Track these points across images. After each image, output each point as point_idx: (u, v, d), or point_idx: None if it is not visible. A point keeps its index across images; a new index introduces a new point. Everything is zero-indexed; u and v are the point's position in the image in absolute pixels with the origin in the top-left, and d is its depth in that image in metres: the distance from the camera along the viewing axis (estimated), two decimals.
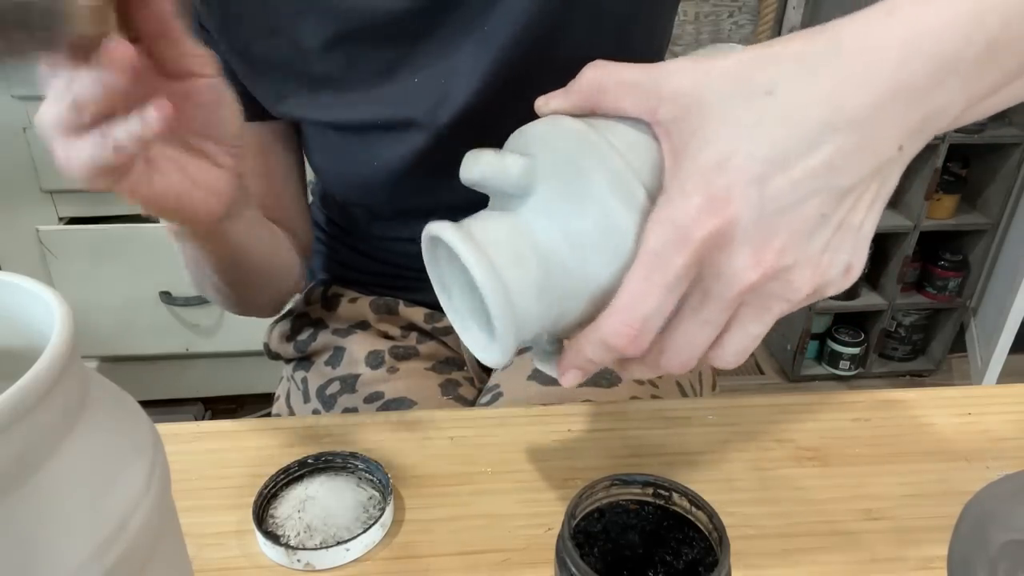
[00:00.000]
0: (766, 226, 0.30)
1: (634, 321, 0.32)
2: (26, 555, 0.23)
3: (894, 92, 0.29)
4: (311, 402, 0.69)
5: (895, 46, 0.29)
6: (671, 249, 0.30)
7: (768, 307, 0.32)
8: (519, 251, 0.34)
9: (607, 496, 0.36)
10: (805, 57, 0.30)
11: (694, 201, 0.30)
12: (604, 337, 0.33)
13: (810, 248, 0.31)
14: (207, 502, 0.49)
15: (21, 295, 0.28)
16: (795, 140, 0.29)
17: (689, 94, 0.31)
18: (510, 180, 0.35)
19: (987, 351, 1.86)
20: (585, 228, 0.33)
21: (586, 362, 0.35)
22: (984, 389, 0.60)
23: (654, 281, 0.31)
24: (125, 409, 0.29)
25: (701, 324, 0.33)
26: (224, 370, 1.70)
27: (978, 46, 0.29)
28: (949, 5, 0.29)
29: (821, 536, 0.47)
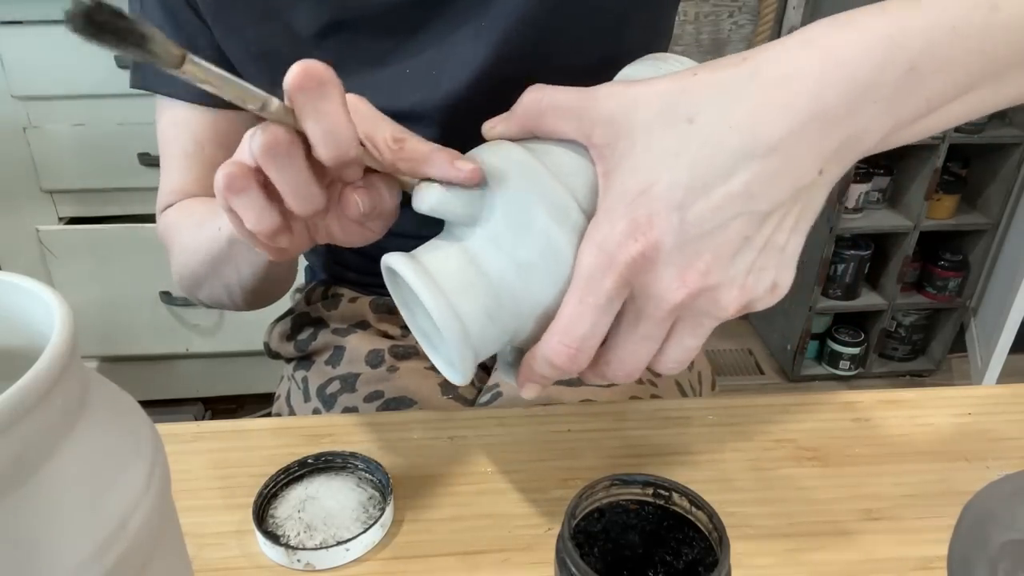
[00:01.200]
0: (689, 249, 0.32)
1: (572, 341, 0.34)
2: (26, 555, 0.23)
3: (810, 119, 0.30)
4: (311, 401, 0.69)
5: (810, 75, 0.30)
6: (599, 273, 0.33)
7: (700, 323, 0.35)
8: (469, 280, 0.36)
9: (607, 496, 0.36)
10: (724, 86, 0.31)
11: (619, 227, 0.33)
12: (546, 356, 0.36)
13: (733, 269, 0.33)
14: (207, 502, 0.49)
15: (21, 295, 0.28)
16: (714, 167, 0.31)
17: (618, 120, 0.33)
18: (456, 213, 0.37)
19: (987, 351, 1.86)
20: (530, 255, 0.36)
21: (537, 376, 0.37)
22: (984, 389, 0.60)
23: (587, 303, 0.34)
24: (125, 409, 0.29)
25: (639, 339, 0.35)
26: (224, 370, 1.70)
27: (898, 70, 0.30)
28: (863, 33, 0.30)
29: (821, 536, 0.47)
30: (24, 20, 1.34)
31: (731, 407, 0.58)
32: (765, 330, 2.13)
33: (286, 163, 0.35)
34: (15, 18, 1.34)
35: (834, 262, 1.86)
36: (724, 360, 2.08)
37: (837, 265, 1.87)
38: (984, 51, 0.32)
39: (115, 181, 1.48)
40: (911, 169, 1.80)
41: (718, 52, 1.87)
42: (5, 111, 1.41)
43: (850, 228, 1.82)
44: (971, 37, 0.31)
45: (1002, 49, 0.32)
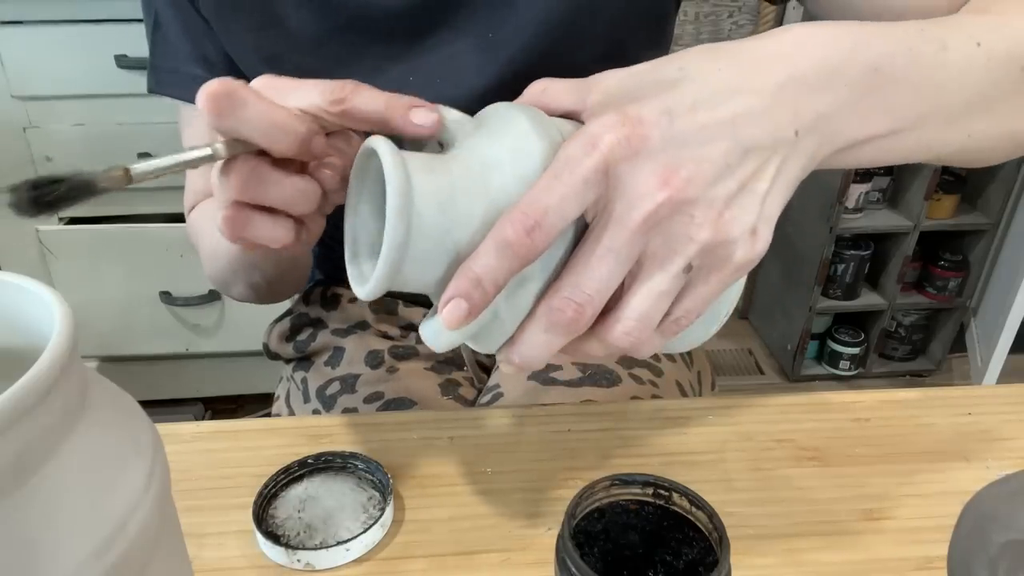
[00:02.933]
0: (673, 154, 0.31)
1: (533, 211, 0.30)
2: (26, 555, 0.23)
3: (787, 79, 0.32)
4: (311, 402, 0.69)
5: (790, 47, 0.33)
6: (580, 151, 0.31)
7: (671, 250, 0.32)
8: (433, 165, 0.34)
9: (607, 496, 0.36)
10: (713, 51, 0.34)
11: (608, 115, 0.31)
12: (500, 233, 0.31)
13: (713, 192, 0.31)
14: (207, 502, 0.49)
15: (21, 295, 0.28)
16: (702, 96, 0.32)
17: (615, 86, 0.35)
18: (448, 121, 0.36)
19: (987, 351, 1.86)
20: (499, 154, 0.34)
21: (472, 284, 0.31)
22: (984, 389, 0.60)
23: (560, 179, 0.31)
24: (125, 409, 0.29)
25: (603, 254, 0.31)
26: (224, 370, 1.70)
27: (863, 65, 0.34)
28: (836, 28, 0.34)
29: (821, 536, 0.47)
30: (24, 20, 1.34)
31: (731, 407, 0.58)
32: (765, 330, 2.13)
33: (260, 184, 0.35)
34: (15, 18, 1.34)
35: (834, 262, 1.86)
36: (724, 360, 2.08)
37: (837, 265, 1.87)
38: (934, 82, 0.36)
39: None
40: (911, 169, 1.80)
41: None
42: (5, 111, 1.41)
43: (850, 228, 1.82)
44: (923, 65, 0.35)
45: (950, 87, 0.36)
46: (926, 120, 0.36)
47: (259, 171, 0.35)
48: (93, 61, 1.36)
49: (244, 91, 0.33)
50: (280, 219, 0.37)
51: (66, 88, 1.39)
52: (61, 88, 1.39)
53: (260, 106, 0.34)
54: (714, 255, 0.32)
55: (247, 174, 0.35)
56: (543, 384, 0.64)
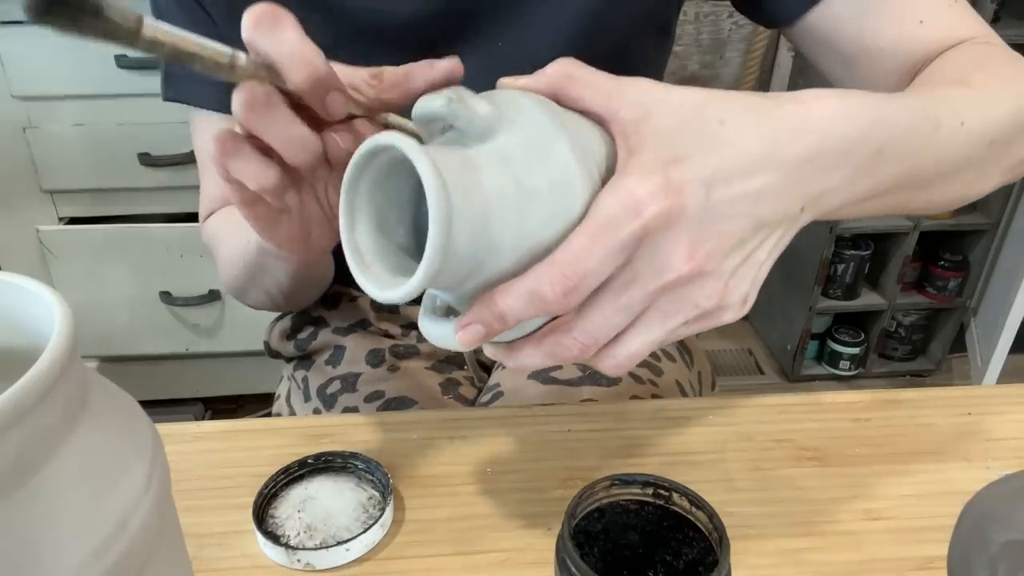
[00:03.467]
0: (704, 227, 0.33)
1: (574, 274, 0.32)
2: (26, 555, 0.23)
3: (809, 155, 0.33)
4: (311, 401, 0.69)
5: (815, 122, 0.34)
6: (624, 216, 0.32)
7: (676, 310, 0.34)
8: (468, 183, 0.32)
9: (607, 496, 0.36)
10: (752, 105, 0.34)
11: (653, 180, 0.32)
12: (535, 286, 0.32)
13: (725, 264, 0.34)
14: (207, 502, 0.49)
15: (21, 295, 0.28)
16: (739, 165, 0.33)
17: (649, 105, 0.34)
18: (476, 117, 0.33)
19: (987, 351, 1.86)
20: (539, 183, 0.33)
21: (496, 317, 0.33)
22: (984, 389, 0.60)
23: (601, 241, 0.32)
24: (125, 409, 0.29)
25: (618, 308, 0.34)
26: (224, 370, 1.70)
27: (871, 147, 0.35)
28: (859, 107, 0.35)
29: (821, 536, 0.47)
30: (24, 20, 1.34)
31: (731, 407, 0.58)
32: (765, 330, 2.13)
33: (268, 114, 0.35)
34: (15, 18, 1.34)
35: (834, 262, 1.86)
36: (724, 360, 2.08)
37: (837, 265, 1.87)
38: (920, 158, 0.38)
39: (115, 181, 1.48)
40: None
41: (718, 52, 1.87)
42: (5, 111, 1.41)
43: (850, 228, 1.82)
44: (917, 145, 0.38)
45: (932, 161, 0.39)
46: (902, 186, 0.39)
47: (271, 97, 0.35)
48: (93, 61, 1.36)
49: (285, 17, 0.34)
50: (269, 162, 0.37)
51: (66, 88, 1.39)
52: (61, 88, 1.39)
53: (296, 34, 0.34)
54: (708, 316, 0.35)
55: (257, 93, 0.34)
56: (543, 384, 0.64)
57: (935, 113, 0.39)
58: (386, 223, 0.36)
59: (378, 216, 0.36)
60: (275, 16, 0.34)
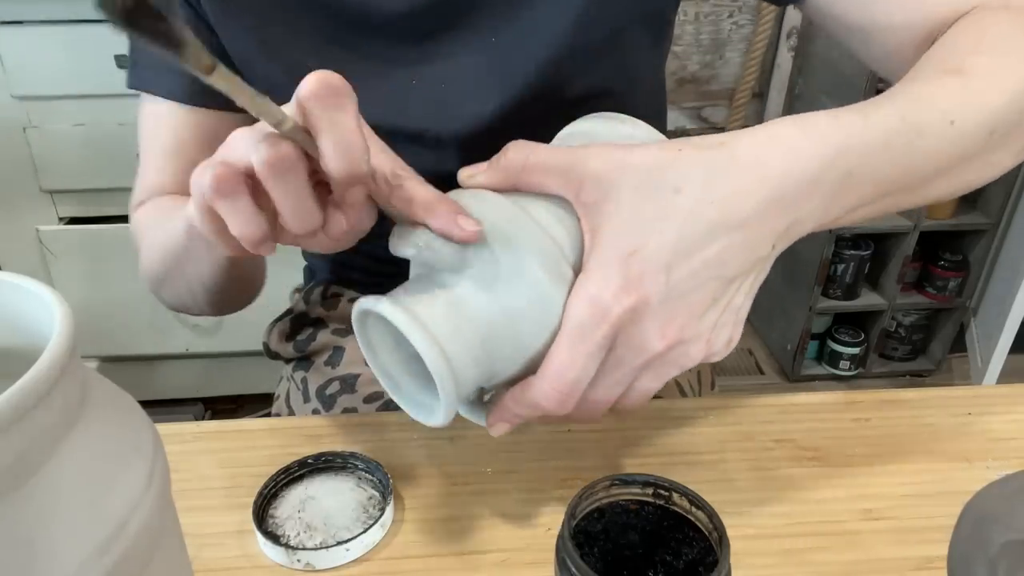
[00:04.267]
0: (671, 307, 0.35)
1: (563, 386, 0.36)
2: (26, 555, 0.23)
3: (771, 202, 0.35)
4: (311, 402, 0.69)
5: (776, 166, 0.35)
6: (593, 323, 0.35)
7: (666, 372, 0.38)
8: (458, 325, 0.36)
9: (607, 496, 0.36)
10: (707, 164, 0.35)
11: (613, 282, 0.35)
12: (534, 399, 0.37)
13: (702, 325, 0.36)
14: (207, 502, 0.49)
15: (21, 295, 0.28)
16: (696, 235, 0.35)
17: (608, 180, 0.36)
18: (444, 259, 0.37)
19: (987, 351, 1.86)
20: (519, 303, 0.37)
21: (513, 417, 0.40)
22: (984, 389, 0.60)
23: (579, 351, 0.36)
24: (125, 409, 0.29)
25: (613, 384, 0.38)
26: (224, 370, 1.70)
27: (840, 172, 0.36)
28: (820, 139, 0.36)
29: (821, 536, 0.47)
30: (24, 20, 1.34)
31: (731, 407, 0.58)
32: (765, 330, 2.13)
33: (291, 179, 0.33)
34: (15, 18, 1.34)
35: (834, 262, 1.86)
36: (724, 360, 2.08)
37: (837, 265, 1.87)
38: (903, 167, 0.39)
39: (115, 181, 1.48)
40: None
41: (718, 52, 1.87)
42: (5, 111, 1.41)
43: (850, 228, 1.82)
44: (897, 157, 0.38)
45: (919, 166, 0.40)
46: (888, 194, 0.40)
47: (298, 164, 0.33)
48: (93, 61, 1.36)
49: (349, 100, 0.33)
50: (260, 215, 0.35)
51: (66, 88, 1.39)
52: (61, 88, 1.39)
53: (352, 121, 0.33)
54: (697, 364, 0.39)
55: (288, 156, 0.33)
56: None
57: (917, 120, 0.39)
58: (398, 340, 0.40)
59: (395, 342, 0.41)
60: (337, 95, 0.33)
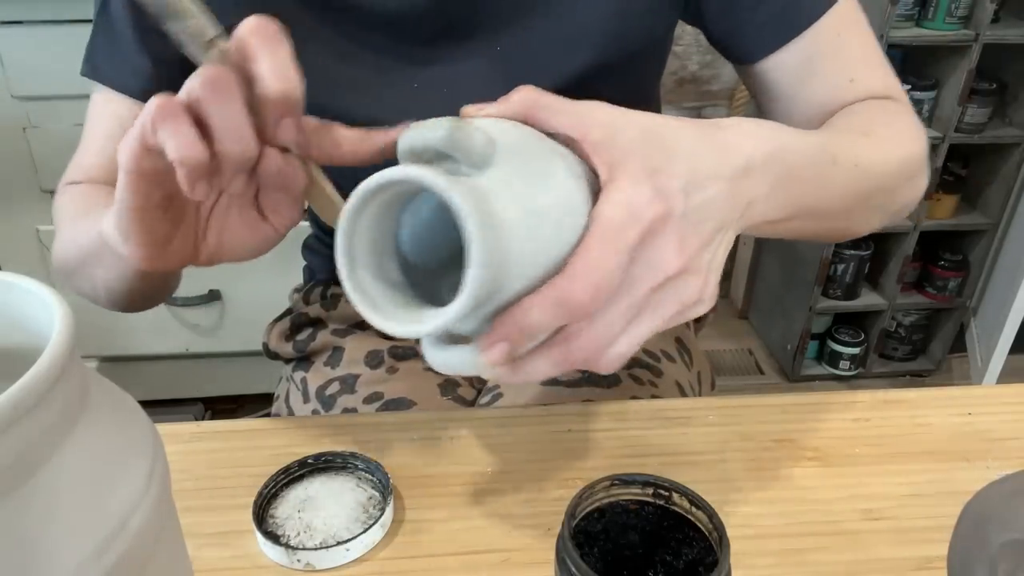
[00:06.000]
0: (687, 228, 0.36)
1: (598, 279, 0.34)
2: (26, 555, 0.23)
3: (744, 168, 0.38)
4: (311, 402, 0.69)
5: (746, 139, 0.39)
6: (628, 222, 0.35)
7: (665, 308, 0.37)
8: (484, 211, 0.32)
9: (607, 496, 0.36)
10: (694, 129, 0.38)
11: (644, 189, 0.35)
12: (567, 295, 0.34)
13: (702, 261, 0.37)
14: (207, 502, 0.49)
15: (21, 295, 0.28)
16: (698, 174, 0.37)
17: (614, 125, 0.37)
18: (475, 147, 0.33)
19: (987, 351, 1.86)
20: (545, 205, 0.34)
21: (521, 332, 0.35)
22: (984, 389, 0.60)
23: (613, 246, 0.34)
24: (125, 409, 0.29)
25: (622, 311, 0.36)
26: (224, 370, 1.70)
27: (782, 165, 0.40)
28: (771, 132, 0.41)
29: (821, 536, 0.47)
30: (24, 20, 1.34)
31: (731, 407, 0.58)
32: (765, 330, 2.13)
33: (227, 98, 0.35)
34: (15, 18, 1.34)
35: (834, 262, 1.86)
36: (724, 360, 2.08)
37: (837, 265, 1.87)
38: (822, 187, 0.44)
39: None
40: None
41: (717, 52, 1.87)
42: (5, 111, 1.41)
43: None
44: (818, 174, 0.44)
45: (831, 192, 0.45)
46: (808, 214, 0.45)
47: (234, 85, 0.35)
48: None
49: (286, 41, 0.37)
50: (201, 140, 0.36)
51: (66, 88, 1.39)
52: (61, 88, 1.39)
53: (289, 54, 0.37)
54: (686, 310, 0.38)
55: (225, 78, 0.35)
56: (543, 384, 0.64)
57: (833, 151, 0.45)
58: (381, 262, 0.37)
59: (374, 254, 0.36)
60: (275, 34, 0.37)
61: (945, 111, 1.69)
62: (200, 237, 0.43)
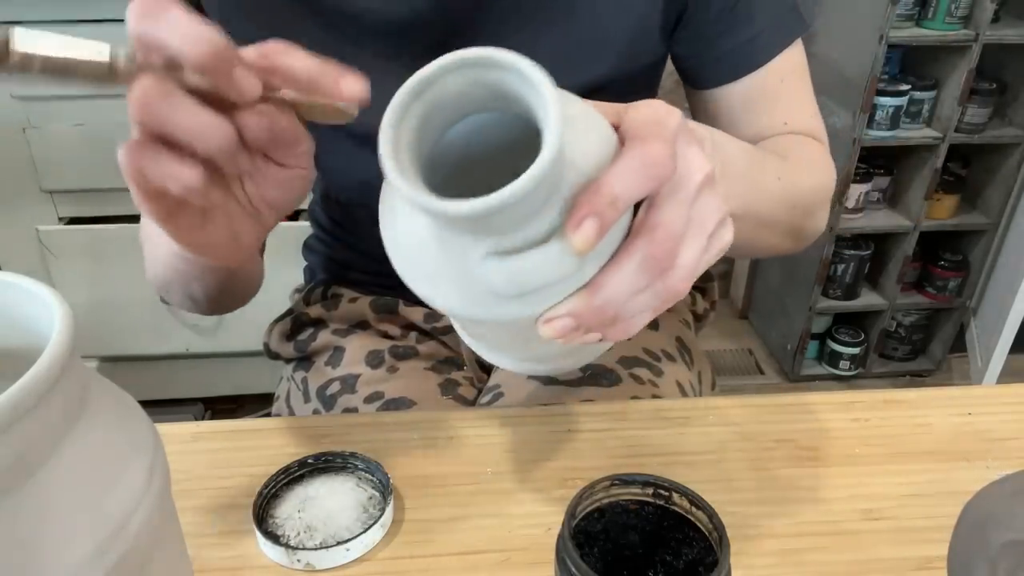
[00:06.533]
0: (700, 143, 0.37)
1: (667, 138, 0.33)
2: (26, 555, 0.23)
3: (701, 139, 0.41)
4: (311, 402, 0.69)
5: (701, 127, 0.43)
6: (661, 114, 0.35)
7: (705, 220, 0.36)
8: None
9: (607, 496, 0.36)
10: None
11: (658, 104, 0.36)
12: (646, 154, 0.33)
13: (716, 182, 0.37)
14: (207, 502, 0.49)
15: (21, 295, 0.28)
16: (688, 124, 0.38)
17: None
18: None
19: (987, 351, 1.86)
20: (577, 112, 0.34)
21: (608, 204, 0.32)
22: (984, 389, 0.60)
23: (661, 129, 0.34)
24: (125, 409, 0.29)
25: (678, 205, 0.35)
26: (224, 370, 1.70)
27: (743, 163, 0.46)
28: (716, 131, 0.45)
29: (821, 536, 0.47)
30: (24, 20, 1.34)
31: (731, 407, 0.58)
32: (765, 330, 2.13)
33: (168, 104, 0.32)
34: (15, 18, 1.34)
35: (834, 262, 1.86)
36: (724, 360, 2.08)
37: (837, 265, 1.87)
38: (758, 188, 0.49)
39: (115, 181, 1.47)
40: (911, 169, 1.80)
41: None
42: (5, 111, 1.41)
43: (850, 228, 1.82)
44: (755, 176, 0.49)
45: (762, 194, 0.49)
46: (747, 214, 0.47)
47: (165, 88, 0.32)
48: None
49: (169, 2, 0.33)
50: (184, 159, 0.34)
51: (66, 88, 1.39)
52: (61, 88, 1.39)
53: (184, 13, 0.32)
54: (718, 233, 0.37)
55: (153, 87, 0.32)
56: (543, 384, 0.64)
57: (759, 158, 0.51)
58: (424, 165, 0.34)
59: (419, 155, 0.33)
60: (157, 3, 0.32)
61: (945, 111, 1.69)
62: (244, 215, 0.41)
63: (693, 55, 0.61)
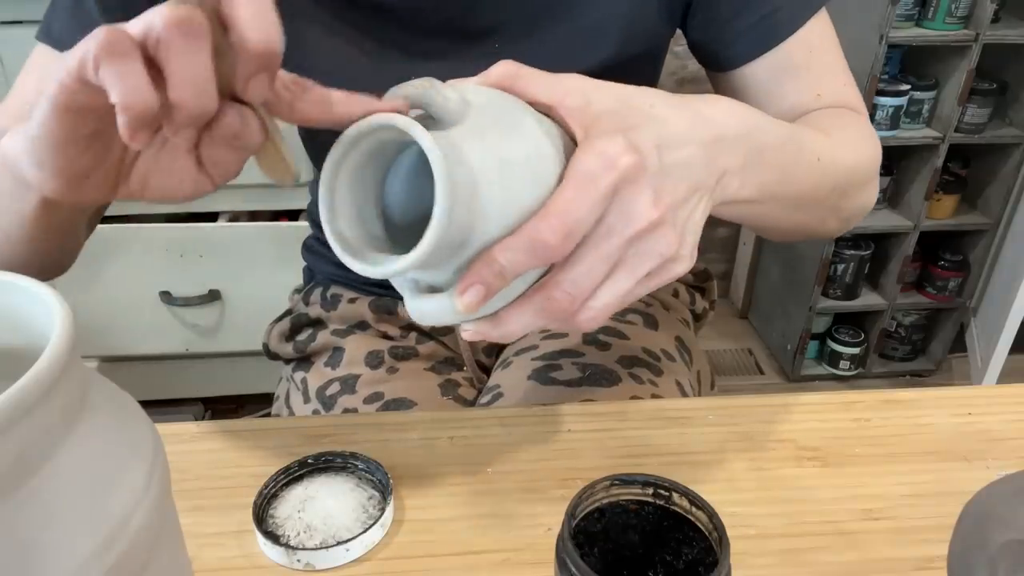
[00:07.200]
0: (661, 181, 0.37)
1: (569, 220, 0.35)
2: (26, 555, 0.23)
3: (717, 139, 0.40)
4: (311, 403, 0.69)
5: (720, 112, 0.41)
6: (601, 169, 0.35)
7: (643, 261, 0.37)
8: (456, 157, 0.34)
9: (607, 496, 0.36)
10: (669, 97, 0.40)
11: (618, 141, 0.36)
12: (537, 235, 0.34)
13: (679, 216, 0.38)
14: (207, 502, 0.49)
15: (21, 295, 0.28)
16: (673, 135, 0.38)
17: (589, 93, 0.38)
18: (448, 102, 0.35)
19: (987, 351, 1.86)
20: (518, 156, 0.35)
21: (496, 274, 0.35)
22: (984, 389, 0.60)
23: (587, 191, 0.35)
24: (125, 409, 0.29)
25: (598, 259, 0.36)
26: (224, 370, 1.70)
27: (756, 143, 0.42)
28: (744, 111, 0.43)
29: (821, 536, 0.47)
30: (24, 20, 1.34)
31: (731, 407, 0.58)
32: (765, 330, 2.13)
33: (197, 46, 0.30)
34: (15, 18, 1.34)
35: (834, 262, 1.86)
36: (724, 360, 2.08)
37: (837, 265, 1.87)
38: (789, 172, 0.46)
39: None
40: (911, 169, 1.80)
41: None
42: None
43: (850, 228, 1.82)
44: (786, 158, 0.45)
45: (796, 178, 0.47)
46: (777, 199, 0.46)
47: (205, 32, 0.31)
48: None
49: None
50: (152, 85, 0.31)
51: None
52: None
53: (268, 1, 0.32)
54: (665, 267, 0.38)
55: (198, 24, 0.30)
56: (543, 384, 0.64)
57: (800, 140, 0.47)
58: (361, 214, 0.37)
59: (356, 206, 0.37)
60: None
61: (945, 111, 1.69)
62: (123, 176, 0.38)
63: (711, 39, 0.60)
